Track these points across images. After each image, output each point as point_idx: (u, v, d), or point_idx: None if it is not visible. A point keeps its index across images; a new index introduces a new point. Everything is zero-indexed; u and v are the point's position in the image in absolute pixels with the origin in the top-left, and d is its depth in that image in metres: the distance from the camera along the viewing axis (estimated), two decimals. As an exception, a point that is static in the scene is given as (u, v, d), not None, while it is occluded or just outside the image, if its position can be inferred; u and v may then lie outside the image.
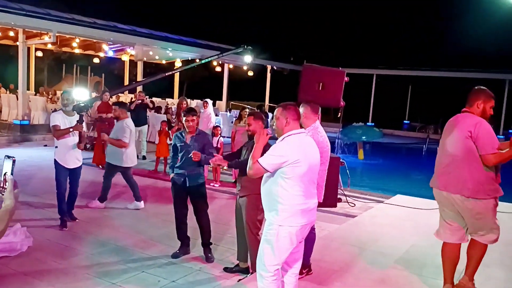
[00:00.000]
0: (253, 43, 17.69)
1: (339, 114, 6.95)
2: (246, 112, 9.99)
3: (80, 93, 6.27)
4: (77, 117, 5.89)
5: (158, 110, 15.16)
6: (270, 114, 15.49)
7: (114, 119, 6.99)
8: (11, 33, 16.32)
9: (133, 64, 22.84)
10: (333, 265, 4.90)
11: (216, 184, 8.76)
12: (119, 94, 20.41)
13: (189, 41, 19.34)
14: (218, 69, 23.99)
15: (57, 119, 5.82)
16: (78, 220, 6.18)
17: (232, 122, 15.04)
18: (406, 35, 37.43)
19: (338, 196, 7.32)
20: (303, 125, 4.33)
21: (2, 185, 1.95)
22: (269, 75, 25.51)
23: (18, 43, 14.75)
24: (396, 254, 5.36)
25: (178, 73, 23.02)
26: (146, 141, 11.60)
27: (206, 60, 11.34)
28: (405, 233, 6.25)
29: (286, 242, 3.27)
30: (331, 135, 4.55)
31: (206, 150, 4.89)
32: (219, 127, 9.59)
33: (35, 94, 18.25)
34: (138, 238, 5.60)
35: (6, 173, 1.96)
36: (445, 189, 4.12)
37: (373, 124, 23.93)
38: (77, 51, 21.16)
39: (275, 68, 25.38)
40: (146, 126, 11.70)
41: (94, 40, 18.29)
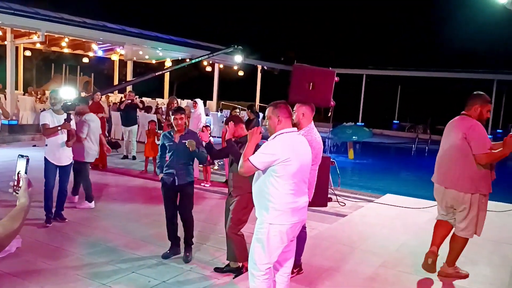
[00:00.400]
0: (244, 43, 17.73)
1: (330, 114, 6.99)
2: (236, 112, 10.01)
3: (68, 92, 6.30)
4: (65, 115, 5.99)
5: (148, 110, 15.11)
6: (261, 114, 15.51)
7: (76, 114, 6.91)
8: (-1, 32, 16.18)
9: (122, 63, 22.73)
10: (324, 264, 4.93)
11: (206, 184, 8.75)
12: (109, 94, 20.33)
13: (180, 40, 19.29)
14: (209, 69, 23.96)
15: (46, 118, 5.93)
16: (67, 221, 6.15)
17: (222, 122, 15.02)
18: (395, 35, 37.69)
19: (329, 196, 7.35)
20: (300, 125, 4.35)
21: (16, 183, 1.96)
22: (259, 75, 25.53)
23: (6, 42, 14.61)
24: (386, 252, 5.40)
25: (168, 73, 22.96)
26: (136, 141, 11.54)
27: (197, 59, 11.36)
28: (395, 232, 6.30)
29: (277, 240, 3.28)
30: (322, 135, 4.57)
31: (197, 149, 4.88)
32: (208, 126, 9.58)
33: (24, 94, 18.08)
34: (129, 238, 5.58)
35: (20, 171, 1.97)
36: (442, 183, 4.58)
37: (363, 124, 24.09)
38: (66, 50, 21.00)
39: (266, 68, 25.41)
40: (136, 126, 11.64)
41: (84, 40, 18.17)
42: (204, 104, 23.25)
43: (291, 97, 4.84)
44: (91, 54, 21.43)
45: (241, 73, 25.17)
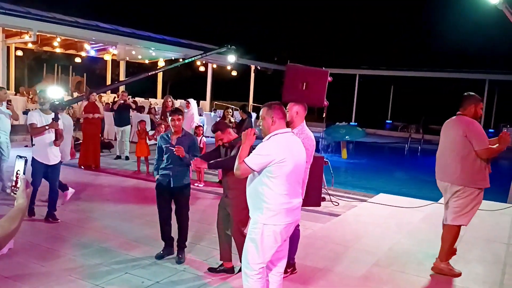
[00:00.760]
0: (237, 43, 17.70)
1: (324, 114, 7.01)
2: (229, 112, 9.99)
3: (55, 92, 6.30)
4: (53, 115, 6.02)
5: (140, 110, 15.04)
6: (254, 114, 15.52)
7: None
8: (-10, 32, 16.05)
9: (115, 63, 22.65)
10: (318, 263, 4.94)
11: (200, 184, 8.73)
12: (101, 94, 20.21)
13: (172, 40, 19.25)
14: (202, 69, 23.92)
15: (34, 117, 6.00)
16: (60, 221, 6.12)
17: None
18: (388, 36, 37.85)
19: (322, 195, 7.36)
20: (294, 123, 4.36)
21: (15, 184, 1.97)
22: (253, 75, 25.54)
23: (-3, 42, 14.51)
24: (379, 252, 5.42)
25: (161, 73, 22.92)
26: (129, 141, 11.50)
27: (190, 59, 11.29)
28: (388, 231, 6.32)
29: (271, 240, 3.28)
30: (315, 135, 4.58)
31: (190, 152, 4.85)
32: (201, 126, 9.56)
33: (15, 94, 17.95)
34: (122, 239, 5.56)
35: (19, 171, 1.98)
36: (442, 179, 4.86)
37: (356, 123, 24.15)
38: (58, 50, 20.87)
39: (259, 68, 25.42)
40: (129, 126, 11.59)
41: (76, 40, 18.08)
42: (198, 104, 23.24)
43: (285, 97, 4.84)
44: (83, 54, 21.32)
45: (234, 73, 25.16)
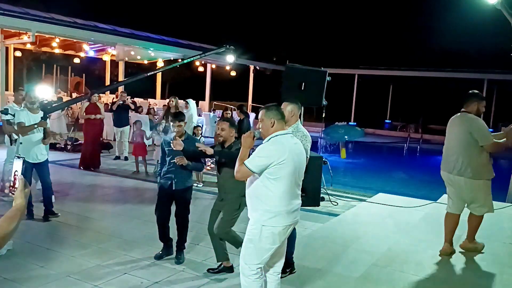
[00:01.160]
0: (236, 43, 17.69)
1: (323, 113, 7.03)
2: (228, 113, 9.99)
3: (43, 91, 6.35)
4: (41, 114, 6.10)
5: (138, 110, 15.00)
6: (253, 114, 15.52)
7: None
8: (-11, 33, 16.02)
9: (114, 64, 22.61)
10: (316, 263, 4.94)
11: (199, 185, 8.73)
12: (100, 95, 20.20)
13: (171, 41, 19.23)
14: (201, 69, 23.91)
15: (22, 116, 6.08)
16: (60, 215, 6.26)
17: (215, 122, 14.99)
18: (387, 35, 37.86)
19: (321, 195, 7.38)
20: (289, 122, 4.36)
21: (13, 184, 1.97)
22: (252, 75, 25.53)
23: (-4, 43, 14.48)
24: (378, 251, 5.42)
25: (160, 73, 22.89)
26: (128, 142, 11.50)
27: (189, 60, 11.25)
28: (387, 231, 6.33)
29: (269, 242, 3.29)
30: (314, 135, 4.58)
31: (195, 154, 4.81)
32: (199, 127, 9.54)
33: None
34: (121, 239, 5.55)
35: (17, 172, 1.98)
36: (450, 172, 5.20)
37: (355, 123, 24.16)
38: (57, 51, 20.82)
39: (258, 68, 25.41)
40: (128, 127, 11.58)
41: (74, 40, 18.04)
42: (197, 105, 23.24)
43: (284, 97, 4.85)
44: (82, 54, 21.27)
45: (233, 73, 25.14)
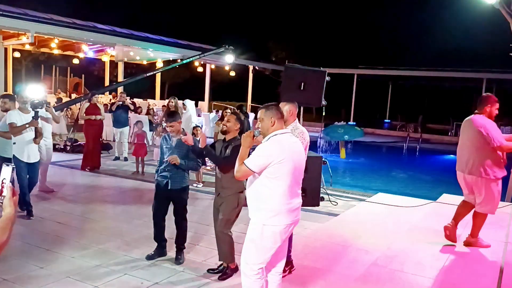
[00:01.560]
0: (235, 43, 17.70)
1: (323, 113, 7.02)
2: (227, 113, 9.98)
3: (34, 90, 6.37)
4: (33, 113, 6.12)
5: (137, 110, 15.02)
6: (252, 114, 15.52)
7: (3, 111, 6.63)
8: (-12, 34, 16.00)
9: (113, 64, 22.62)
10: (317, 263, 4.94)
11: (199, 185, 8.73)
12: (100, 95, 20.20)
13: (170, 41, 19.22)
14: (200, 69, 23.91)
15: (14, 116, 6.09)
16: (22, 213, 6.20)
17: (216, 122, 14.97)
18: (386, 35, 37.89)
19: (321, 195, 7.38)
20: (286, 123, 4.37)
21: (0, 192, 1.90)
22: (251, 75, 25.54)
23: (-5, 44, 14.49)
24: (378, 251, 5.42)
25: (159, 74, 22.88)
26: (128, 142, 11.49)
27: (188, 60, 11.32)
28: (387, 231, 6.33)
29: (270, 241, 3.29)
30: (313, 135, 4.59)
31: (190, 155, 4.83)
32: (199, 127, 9.54)
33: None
34: (121, 240, 5.55)
35: (5, 180, 1.91)
36: (463, 171, 5.46)
37: (354, 123, 24.15)
38: (56, 51, 20.82)
39: (257, 68, 25.43)
40: (128, 127, 11.58)
41: (73, 41, 18.03)
42: (196, 105, 23.23)
43: (283, 97, 4.85)
44: (81, 55, 21.28)
45: (232, 73, 25.16)
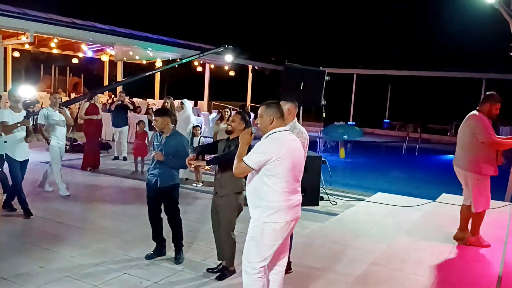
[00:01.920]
0: (234, 43, 17.69)
1: (323, 113, 7.02)
2: (226, 112, 9.97)
3: (26, 90, 6.46)
4: (24, 112, 6.26)
5: (136, 110, 15.00)
6: (252, 114, 15.51)
7: None
8: (-13, 33, 15.99)
9: (113, 64, 22.60)
10: (316, 263, 4.94)
11: (198, 184, 8.73)
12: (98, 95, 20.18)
13: (170, 41, 19.22)
14: (199, 69, 23.90)
15: (5, 115, 6.18)
16: (18, 210, 6.32)
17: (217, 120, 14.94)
18: (385, 35, 37.88)
19: (320, 195, 7.39)
20: (286, 121, 4.37)
21: None
22: (250, 75, 25.53)
23: (-6, 43, 14.48)
24: (377, 250, 5.42)
25: (159, 73, 22.89)
26: (127, 142, 11.49)
27: (187, 59, 11.31)
28: (386, 230, 6.33)
29: (271, 238, 3.29)
30: (313, 134, 4.59)
31: (179, 152, 4.83)
32: (198, 126, 9.54)
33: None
34: (120, 239, 5.55)
35: None
36: (458, 166, 5.59)
37: (354, 123, 24.16)
38: (55, 51, 20.81)
39: (257, 68, 25.41)
40: (127, 127, 11.58)
41: (73, 40, 18.03)
42: (195, 104, 23.24)
43: (283, 97, 4.85)
44: (80, 54, 21.27)
45: (232, 73, 25.16)
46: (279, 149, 3.25)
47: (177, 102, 10.14)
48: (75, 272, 4.53)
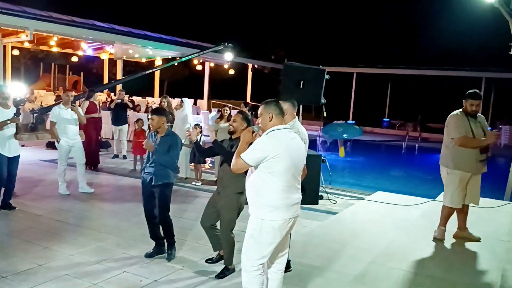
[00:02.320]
0: (234, 41, 17.68)
1: (324, 112, 7.01)
2: (226, 110, 9.96)
3: (16, 88, 6.52)
4: (14, 109, 6.36)
5: (136, 108, 14.99)
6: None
7: None
8: (-14, 31, 15.96)
9: (112, 62, 22.59)
10: (315, 261, 4.94)
11: (198, 183, 8.73)
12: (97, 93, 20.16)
13: (169, 39, 19.19)
14: (199, 67, 23.88)
15: None
16: (18, 209, 6.40)
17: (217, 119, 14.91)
18: (385, 34, 37.87)
19: (320, 193, 7.38)
20: (284, 121, 4.36)
21: None
22: (250, 73, 25.52)
23: (-7, 41, 14.46)
24: (376, 249, 5.42)
25: (158, 72, 22.86)
26: (127, 140, 11.49)
27: (187, 57, 11.29)
28: (385, 229, 6.33)
29: (270, 236, 3.29)
30: (312, 133, 4.59)
31: (171, 151, 4.87)
32: (198, 125, 9.52)
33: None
34: (119, 237, 5.55)
35: None
36: (441, 163, 5.77)
37: (353, 122, 24.16)
38: (55, 49, 20.80)
39: (256, 67, 25.39)
40: (126, 125, 11.57)
41: (72, 39, 18.01)
42: (195, 103, 23.23)
43: (283, 96, 4.85)
44: (80, 53, 21.25)
45: (231, 71, 25.14)
46: (276, 146, 3.25)
47: (176, 101, 10.13)
48: (74, 270, 4.53)
